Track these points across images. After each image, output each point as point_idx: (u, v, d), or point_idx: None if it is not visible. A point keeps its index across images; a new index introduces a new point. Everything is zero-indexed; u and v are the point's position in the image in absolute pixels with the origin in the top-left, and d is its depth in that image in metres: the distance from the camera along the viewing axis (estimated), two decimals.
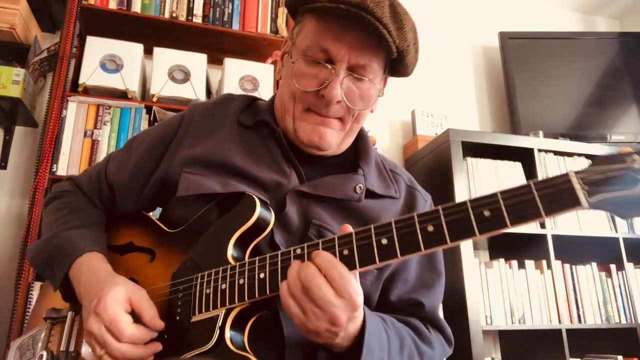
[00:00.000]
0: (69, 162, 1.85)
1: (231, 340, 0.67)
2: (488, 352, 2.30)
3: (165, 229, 0.86)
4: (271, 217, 0.76)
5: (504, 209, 0.56)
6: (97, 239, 0.87)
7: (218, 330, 0.68)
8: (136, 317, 0.71)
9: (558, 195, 0.54)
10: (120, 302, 0.70)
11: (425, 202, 0.93)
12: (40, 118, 2.01)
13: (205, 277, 0.73)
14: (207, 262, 0.75)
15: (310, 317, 0.61)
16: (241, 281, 0.69)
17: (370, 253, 0.62)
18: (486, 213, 0.57)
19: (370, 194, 0.86)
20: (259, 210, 0.74)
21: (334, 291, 0.60)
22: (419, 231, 0.59)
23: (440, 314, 0.89)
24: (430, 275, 0.89)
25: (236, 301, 0.69)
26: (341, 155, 0.90)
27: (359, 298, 0.61)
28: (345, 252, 0.63)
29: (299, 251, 0.66)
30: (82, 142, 1.90)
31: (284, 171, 0.83)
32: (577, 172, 0.55)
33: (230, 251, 0.74)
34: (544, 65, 2.74)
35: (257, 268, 0.68)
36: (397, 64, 0.83)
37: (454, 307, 1.96)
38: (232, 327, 0.69)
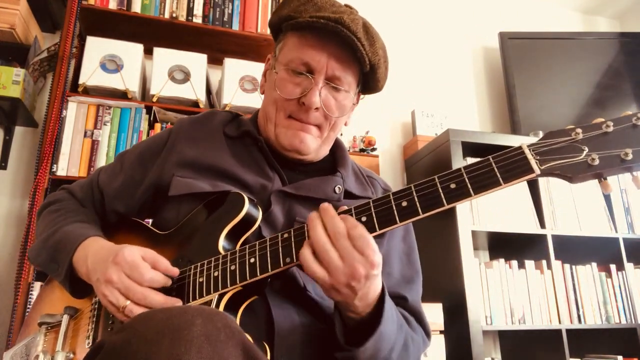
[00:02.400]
0: (69, 162, 1.85)
1: None
2: (488, 352, 2.30)
3: (158, 232, 0.89)
4: (258, 213, 0.81)
5: (467, 180, 0.64)
6: (96, 230, 0.90)
7: None
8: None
9: (514, 165, 0.63)
10: (136, 253, 0.74)
11: None
12: (40, 118, 2.01)
13: (198, 267, 0.76)
14: (199, 256, 0.78)
15: (332, 271, 0.64)
16: (232, 267, 0.72)
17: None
18: (452, 186, 0.65)
19: (348, 195, 0.93)
20: (247, 205, 0.79)
21: (356, 249, 0.64)
22: (394, 207, 0.67)
23: (421, 307, 0.94)
24: (410, 272, 0.95)
25: (228, 285, 0.72)
26: (319, 162, 0.97)
27: (377, 257, 0.65)
28: (364, 218, 0.69)
29: (286, 235, 0.71)
30: (82, 142, 1.90)
31: (268, 175, 0.89)
32: (529, 145, 0.64)
33: (222, 243, 0.78)
34: (544, 65, 2.74)
35: (247, 254, 0.72)
36: (369, 79, 0.92)
37: (454, 307, 1.96)
38: (226, 311, 0.70)
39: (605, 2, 3.18)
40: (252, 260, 0.71)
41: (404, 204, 0.67)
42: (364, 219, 0.68)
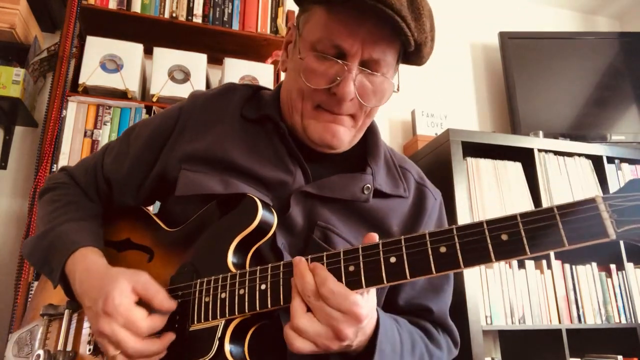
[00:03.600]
0: (69, 162, 1.85)
1: (231, 353, 0.66)
2: (488, 352, 2.30)
3: (164, 227, 0.84)
4: (274, 219, 0.74)
5: (523, 234, 0.52)
6: (93, 233, 0.85)
7: (217, 342, 0.66)
8: (145, 305, 0.70)
9: (583, 224, 0.50)
10: (127, 295, 0.68)
11: (435, 200, 0.90)
12: (40, 118, 2.01)
13: (205, 284, 0.71)
14: (206, 267, 0.73)
15: (315, 340, 0.59)
16: (241, 291, 0.67)
17: (378, 272, 0.59)
18: (504, 237, 0.53)
19: (378, 193, 0.82)
20: (260, 214, 0.71)
21: (331, 307, 0.58)
22: (430, 252, 0.56)
23: (448, 316, 0.87)
24: (439, 279, 0.86)
25: (236, 312, 0.67)
26: (349, 150, 0.85)
27: (362, 309, 0.58)
28: (351, 268, 0.60)
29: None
30: (82, 142, 1.90)
31: (288, 169, 0.79)
32: (605, 198, 0.50)
33: (231, 257, 0.72)
34: (544, 65, 2.73)
35: (257, 279, 0.66)
36: (412, 55, 0.78)
37: (454, 307, 1.93)
38: (232, 338, 0.67)
39: (605, 2, 3.18)
40: (263, 287, 0.65)
41: (443, 249, 0.55)
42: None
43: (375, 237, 0.63)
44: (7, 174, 2.00)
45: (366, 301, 0.60)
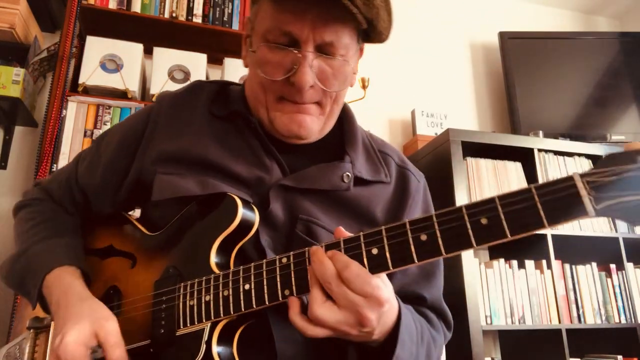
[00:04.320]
0: (69, 162, 1.85)
1: (219, 355, 0.65)
2: (488, 352, 2.30)
3: (145, 231, 0.83)
4: (255, 217, 0.72)
5: (502, 216, 0.51)
6: (69, 248, 0.83)
7: (204, 345, 0.66)
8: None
9: (562, 202, 0.49)
10: (82, 342, 0.65)
11: (418, 182, 0.88)
12: (40, 118, 2.00)
13: (188, 287, 0.70)
14: (189, 270, 0.72)
15: (335, 326, 0.58)
16: (225, 293, 0.66)
17: (361, 263, 0.59)
18: (483, 221, 0.52)
19: (359, 181, 0.80)
20: (241, 212, 0.70)
21: (354, 292, 0.57)
22: (411, 240, 0.56)
23: (443, 301, 0.86)
24: (430, 265, 0.84)
25: (222, 314, 0.66)
26: (325, 139, 0.83)
27: (384, 292, 0.58)
28: (375, 251, 0.59)
29: (284, 261, 0.63)
30: (82, 142, 1.89)
31: (264, 164, 0.77)
32: (582, 175, 0.49)
33: (214, 258, 0.70)
34: (544, 65, 2.73)
35: (241, 279, 0.65)
36: (370, 32, 0.75)
37: (454, 307, 1.94)
38: (219, 341, 0.66)
39: (605, 2, 3.18)
40: (247, 287, 0.64)
41: (423, 237, 0.55)
42: (374, 251, 0.58)
43: (342, 231, 0.62)
44: (7, 174, 2.00)
45: (384, 285, 0.60)
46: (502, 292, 2.07)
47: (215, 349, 0.66)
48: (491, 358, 2.18)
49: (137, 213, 0.96)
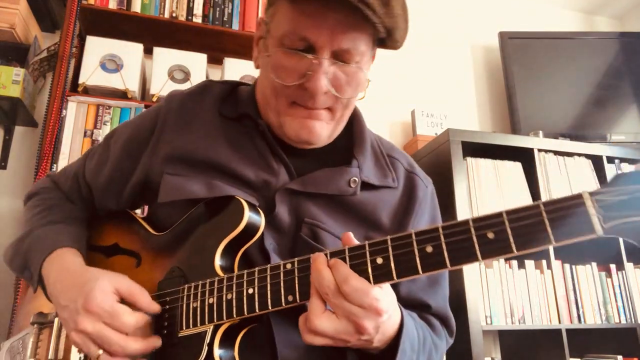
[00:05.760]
0: (69, 162, 1.84)
1: (220, 358, 0.66)
2: (488, 352, 2.30)
3: (152, 230, 0.83)
4: (261, 221, 0.73)
5: (509, 231, 0.51)
6: (72, 234, 0.84)
7: (206, 347, 0.66)
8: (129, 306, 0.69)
9: (570, 220, 0.49)
10: (109, 293, 0.67)
11: (425, 188, 0.88)
12: (40, 118, 2.00)
13: (192, 289, 0.70)
14: (194, 272, 0.72)
15: (333, 335, 0.59)
16: (229, 296, 0.66)
17: (365, 274, 0.59)
18: (490, 235, 0.52)
19: (366, 186, 0.80)
20: (247, 216, 0.70)
21: (351, 304, 0.57)
22: (416, 252, 0.56)
23: (448, 308, 0.87)
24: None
25: (224, 318, 0.66)
26: (333, 142, 0.83)
27: (382, 303, 0.58)
28: (380, 260, 0.60)
29: (289, 266, 0.64)
30: (82, 142, 1.89)
31: (272, 168, 0.78)
32: (591, 193, 0.49)
33: (218, 261, 0.71)
34: (544, 65, 2.73)
35: (245, 283, 0.66)
36: (386, 41, 0.75)
37: (454, 307, 1.93)
38: (221, 343, 0.67)
39: (606, 2, 3.18)
40: (251, 291, 0.65)
41: (429, 249, 0.55)
42: (379, 261, 0.58)
43: (350, 238, 0.62)
44: (7, 174, 2.00)
45: (385, 295, 0.60)
46: (502, 292, 2.07)
47: (217, 351, 0.66)
48: (491, 358, 2.18)
49: (141, 211, 0.96)
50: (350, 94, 0.75)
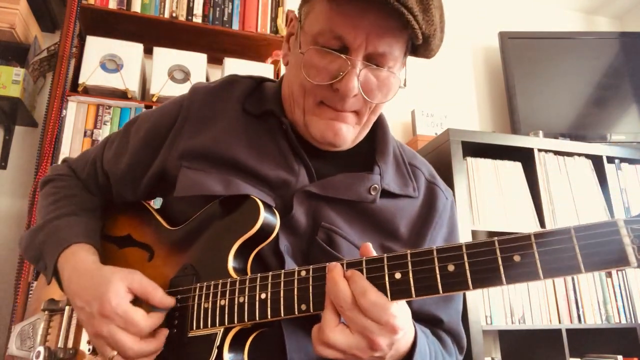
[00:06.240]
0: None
1: None
2: (488, 352, 2.30)
3: (166, 225, 0.83)
4: (276, 222, 0.72)
5: (537, 256, 0.49)
6: (87, 227, 0.83)
7: (216, 350, 0.66)
8: (140, 303, 0.69)
9: (602, 248, 0.46)
10: (123, 296, 0.67)
11: (446, 199, 0.86)
12: (40, 118, 2.01)
13: (204, 289, 0.70)
14: (206, 270, 0.72)
15: (345, 349, 0.57)
16: (241, 299, 0.65)
17: (383, 288, 0.57)
18: (516, 258, 0.49)
19: (386, 193, 0.79)
20: (262, 217, 0.69)
21: (368, 318, 0.56)
22: (437, 270, 0.54)
23: (460, 324, 0.85)
24: None
25: (235, 321, 0.66)
26: (356, 146, 0.81)
27: (399, 320, 0.56)
28: (399, 275, 0.58)
29: (303, 274, 0.62)
30: (82, 141, 1.90)
31: (292, 168, 0.76)
32: (627, 221, 0.46)
33: (231, 262, 0.70)
34: (544, 65, 2.73)
35: (258, 287, 0.65)
36: (421, 48, 0.73)
37: None
38: (231, 347, 0.66)
39: (606, 2, 3.18)
40: (264, 296, 0.64)
41: (451, 268, 0.53)
42: (397, 275, 0.56)
43: (369, 249, 0.61)
44: (7, 174, 2.00)
45: (402, 312, 0.58)
46: (502, 292, 2.07)
47: (227, 355, 0.65)
48: (491, 358, 2.18)
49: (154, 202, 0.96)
50: (380, 99, 0.74)
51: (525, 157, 2.26)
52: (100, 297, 0.67)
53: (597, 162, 2.34)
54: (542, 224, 2.16)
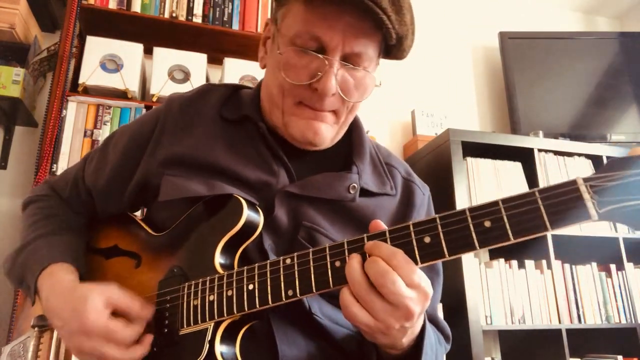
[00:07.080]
0: (69, 161, 1.85)
1: (222, 355, 0.66)
2: (488, 352, 2.30)
3: (151, 231, 0.83)
4: (260, 219, 0.73)
5: (505, 219, 0.52)
6: (68, 246, 0.84)
7: (207, 345, 0.66)
8: (120, 315, 0.69)
9: (565, 206, 0.50)
10: (101, 311, 0.67)
11: (423, 195, 0.89)
12: (40, 118, 2.00)
13: (193, 287, 0.71)
14: (194, 270, 0.72)
15: (380, 317, 0.56)
16: (229, 293, 0.67)
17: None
18: (487, 224, 0.53)
19: (364, 192, 0.81)
20: (246, 214, 0.71)
21: (405, 284, 0.55)
22: (415, 242, 0.57)
23: (440, 314, 0.87)
24: (430, 275, 0.84)
25: (225, 314, 0.66)
26: (333, 147, 0.84)
27: (429, 287, 0.57)
28: (337, 263, 0.60)
29: (288, 261, 0.64)
30: (82, 141, 1.89)
31: (272, 170, 0.78)
32: (585, 179, 0.49)
33: (218, 259, 0.71)
34: (544, 65, 2.74)
35: (245, 279, 0.66)
36: (394, 49, 0.76)
37: (454, 307, 1.96)
38: (223, 340, 0.67)
39: (606, 2, 3.18)
40: (251, 287, 0.65)
41: (427, 239, 0.56)
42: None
43: (380, 224, 0.62)
44: (7, 174, 2.00)
45: (427, 278, 0.59)
46: (502, 292, 2.07)
47: (218, 348, 0.66)
48: (491, 358, 2.18)
49: (140, 213, 0.96)
50: (357, 98, 0.76)
51: (525, 157, 2.27)
52: (79, 314, 0.67)
53: (597, 162, 2.34)
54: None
